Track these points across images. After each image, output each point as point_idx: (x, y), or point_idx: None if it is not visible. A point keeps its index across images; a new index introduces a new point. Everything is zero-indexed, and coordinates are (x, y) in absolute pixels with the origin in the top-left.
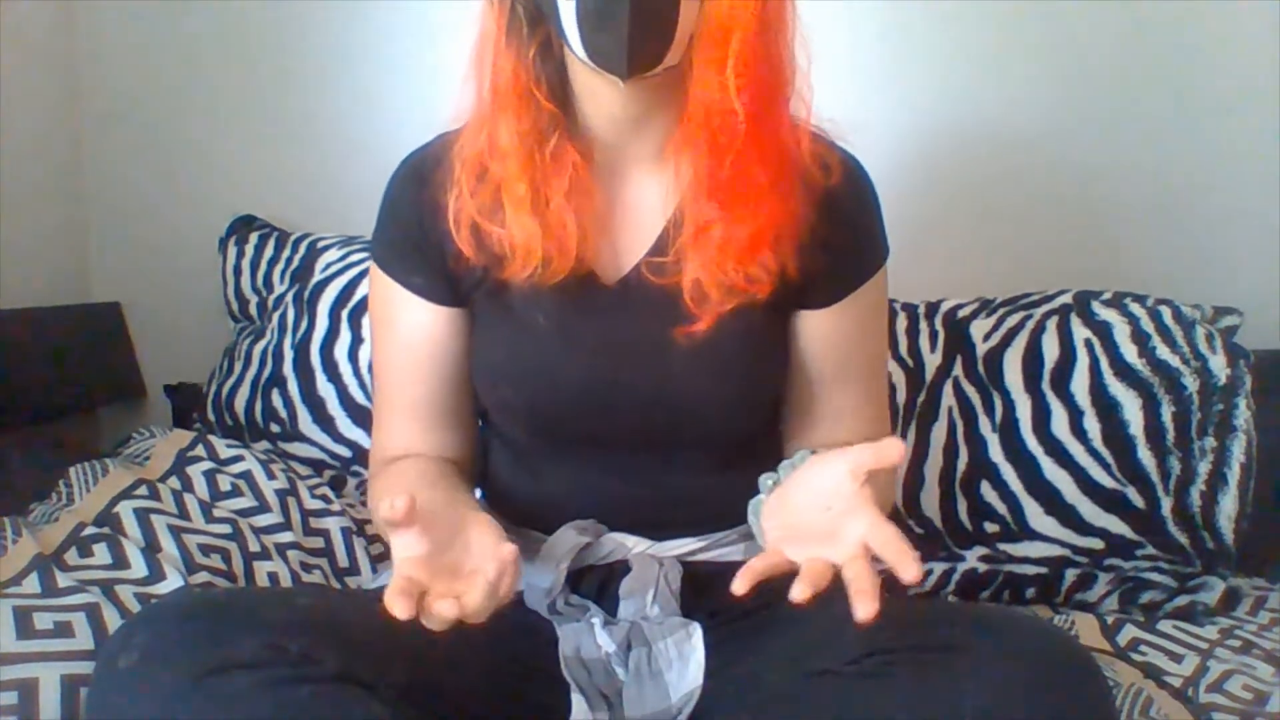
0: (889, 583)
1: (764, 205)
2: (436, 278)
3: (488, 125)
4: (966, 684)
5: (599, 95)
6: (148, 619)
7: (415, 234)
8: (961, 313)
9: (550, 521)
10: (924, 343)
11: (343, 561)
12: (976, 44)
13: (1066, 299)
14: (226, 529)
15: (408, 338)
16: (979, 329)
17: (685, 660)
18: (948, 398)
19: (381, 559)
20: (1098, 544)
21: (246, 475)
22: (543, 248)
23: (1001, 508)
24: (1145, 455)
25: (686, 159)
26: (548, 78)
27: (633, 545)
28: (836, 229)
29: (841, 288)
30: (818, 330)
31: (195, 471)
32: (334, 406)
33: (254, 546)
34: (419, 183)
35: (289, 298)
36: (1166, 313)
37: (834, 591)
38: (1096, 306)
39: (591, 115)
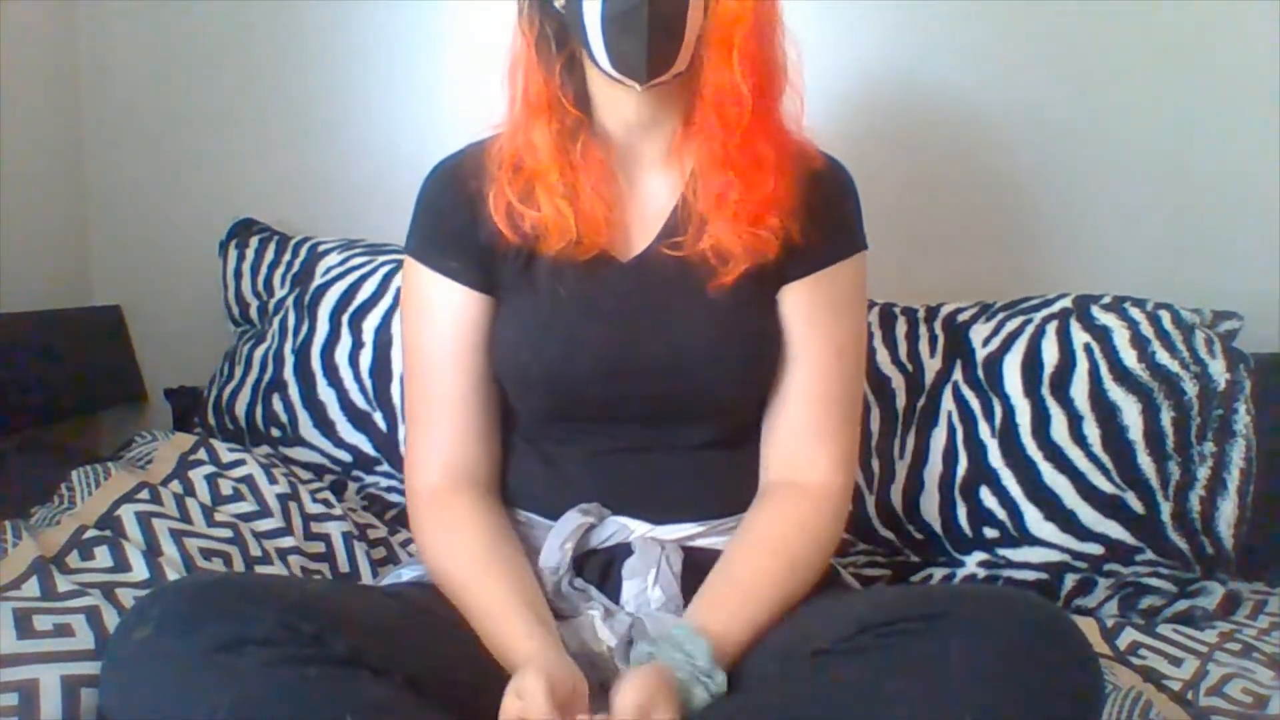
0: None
1: (769, 175)
2: (472, 263)
3: (522, 129)
4: (954, 645)
5: (616, 103)
6: (164, 594)
7: (453, 224)
8: (961, 317)
9: (557, 506)
10: (923, 347)
11: (344, 566)
12: (974, 45)
13: (1066, 303)
14: (228, 533)
15: (446, 326)
16: (978, 333)
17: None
18: (947, 402)
19: (382, 563)
20: (1097, 549)
21: (248, 479)
22: (576, 227)
23: (1001, 513)
24: (1144, 460)
25: (700, 142)
26: (573, 89)
27: (635, 529)
28: (823, 205)
29: (820, 259)
30: (792, 301)
31: (197, 475)
32: (335, 411)
33: (255, 550)
34: (455, 180)
35: (289, 302)
36: (1166, 317)
37: (827, 585)
38: (1096, 311)
39: (609, 122)
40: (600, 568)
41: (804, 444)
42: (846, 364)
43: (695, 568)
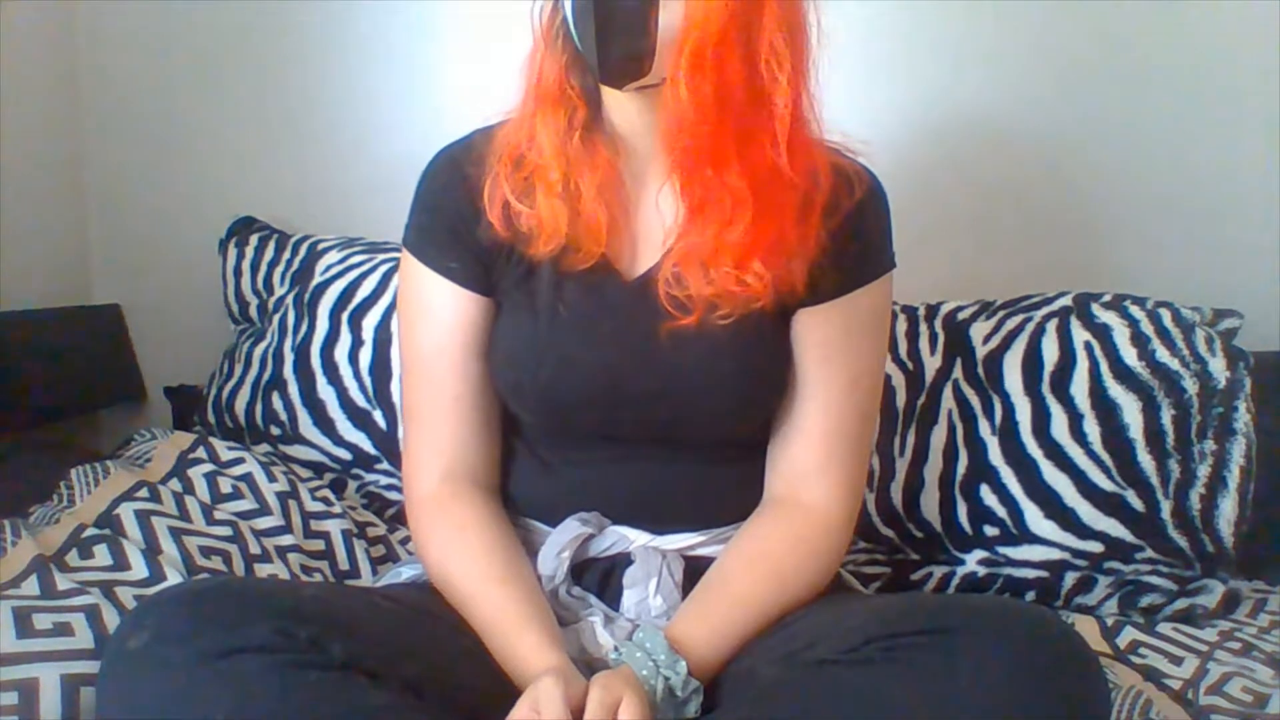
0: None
1: (743, 216)
2: (472, 263)
3: (529, 121)
4: (961, 661)
5: (619, 104)
6: (159, 602)
7: (453, 221)
8: (961, 315)
9: (556, 513)
10: (924, 345)
11: (343, 564)
12: (975, 45)
13: (1066, 301)
14: (227, 531)
15: (445, 326)
16: (979, 331)
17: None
18: (947, 400)
19: (382, 561)
20: (1097, 547)
21: (247, 478)
22: (572, 232)
23: (1001, 511)
24: (1145, 458)
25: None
26: (584, 84)
27: (634, 538)
28: (850, 241)
29: (838, 288)
30: (806, 329)
31: (196, 474)
32: (334, 409)
33: (254, 549)
34: (456, 172)
35: (289, 300)
36: (1166, 315)
37: (829, 593)
38: (1096, 309)
39: (618, 124)
40: (600, 576)
41: (810, 472)
42: (861, 394)
43: (696, 576)
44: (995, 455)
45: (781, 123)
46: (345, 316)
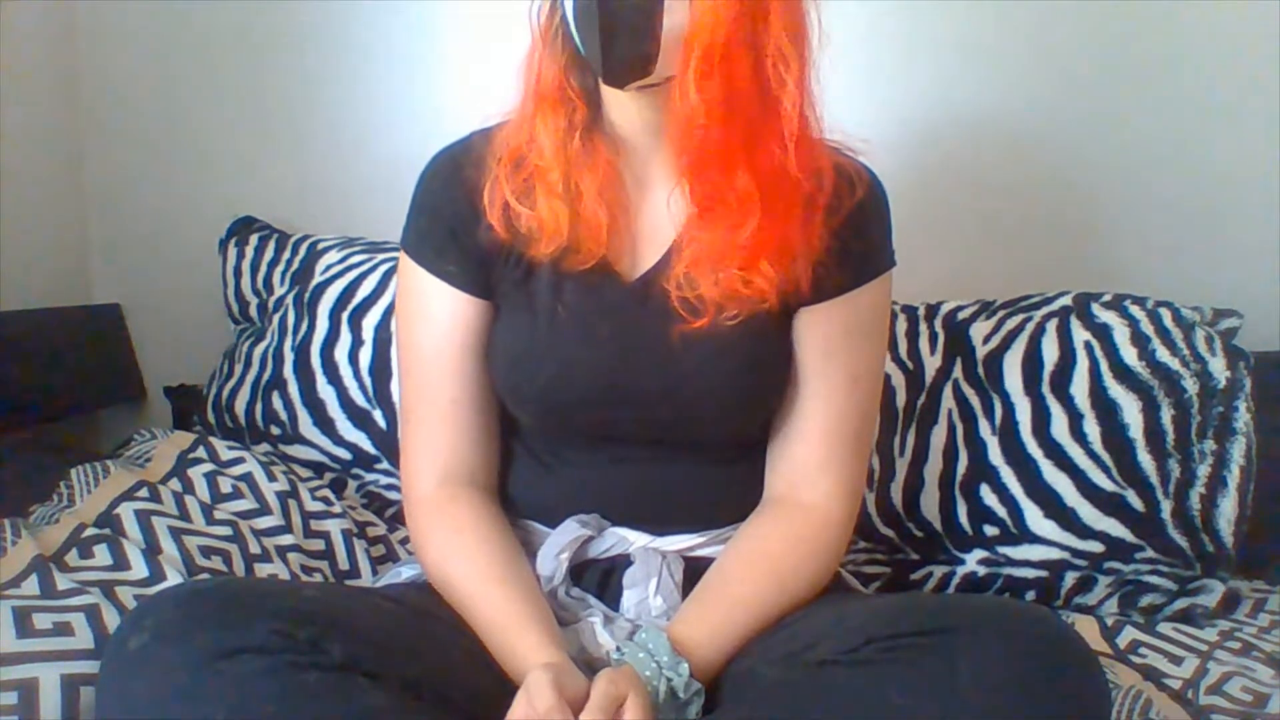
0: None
1: (751, 218)
2: (470, 266)
3: (529, 122)
4: (961, 661)
5: (619, 102)
6: (159, 602)
7: (451, 223)
8: (961, 315)
9: (555, 515)
10: (924, 345)
11: (343, 564)
12: (974, 44)
13: (1066, 301)
14: (227, 531)
15: (442, 328)
16: (979, 331)
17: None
18: (947, 400)
19: (382, 561)
20: (1097, 547)
21: (247, 477)
22: (573, 233)
23: (1001, 511)
24: (1145, 458)
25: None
26: (584, 84)
27: (634, 539)
28: (852, 240)
29: (840, 285)
30: (808, 328)
31: (196, 473)
32: (334, 409)
33: (254, 548)
34: (454, 174)
35: (289, 300)
36: (1166, 315)
37: (829, 593)
38: (1096, 309)
39: (619, 123)
40: (599, 577)
41: (810, 472)
42: (862, 393)
43: (697, 577)
44: (995, 455)
45: (789, 123)
46: (345, 316)
